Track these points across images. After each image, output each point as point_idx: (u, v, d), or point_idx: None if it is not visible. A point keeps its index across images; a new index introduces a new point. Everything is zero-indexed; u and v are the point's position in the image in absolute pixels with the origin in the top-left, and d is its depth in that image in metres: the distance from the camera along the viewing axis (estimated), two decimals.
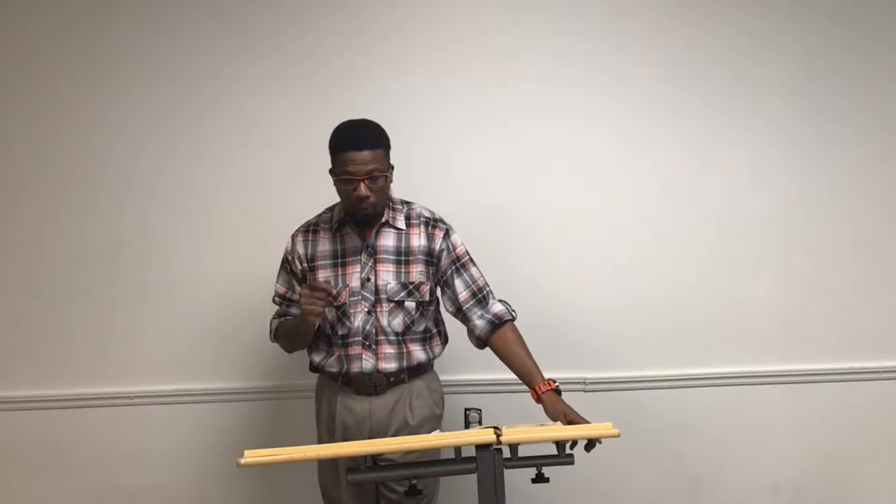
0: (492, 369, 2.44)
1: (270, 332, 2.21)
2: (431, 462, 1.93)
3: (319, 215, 2.16)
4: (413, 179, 2.27)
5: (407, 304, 2.06)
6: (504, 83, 2.62)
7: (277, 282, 2.18)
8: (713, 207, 2.67)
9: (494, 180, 2.63)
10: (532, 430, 1.75)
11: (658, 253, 2.66)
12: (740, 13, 2.64)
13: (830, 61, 2.66)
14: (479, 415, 2.13)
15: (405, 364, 2.09)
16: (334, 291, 2.02)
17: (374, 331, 2.06)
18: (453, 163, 2.63)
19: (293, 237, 2.14)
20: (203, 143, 2.61)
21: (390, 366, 2.07)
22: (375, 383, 2.07)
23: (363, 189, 1.94)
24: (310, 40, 2.60)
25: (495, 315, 2.10)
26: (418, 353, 2.11)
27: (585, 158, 2.65)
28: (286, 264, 2.16)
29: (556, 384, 1.98)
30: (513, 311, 2.13)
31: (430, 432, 1.99)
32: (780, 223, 2.68)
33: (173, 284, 2.62)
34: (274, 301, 2.19)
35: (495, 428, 1.69)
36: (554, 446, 1.73)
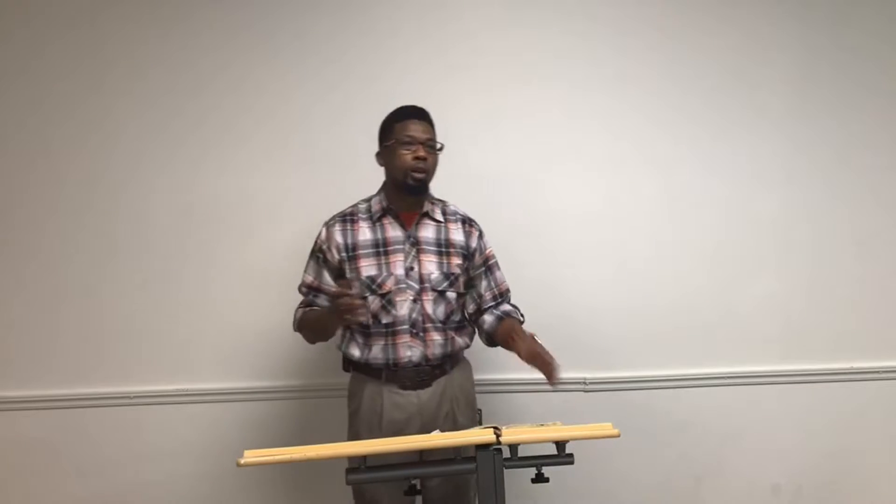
0: (492, 369, 2.45)
1: (294, 322, 2.16)
2: (432, 462, 1.93)
3: (355, 205, 2.15)
4: None
5: (448, 294, 2.09)
6: (505, 83, 2.62)
7: (306, 272, 2.14)
8: (713, 207, 2.67)
9: (494, 180, 2.63)
10: (532, 430, 1.75)
11: (658, 253, 2.66)
12: (741, 13, 2.64)
13: (831, 61, 2.67)
14: (479, 415, 2.13)
15: (449, 350, 2.11)
16: (364, 308, 1.99)
17: (420, 319, 2.07)
18: (454, 163, 2.62)
19: (328, 226, 2.12)
20: (203, 143, 2.60)
21: (437, 353, 2.08)
22: (422, 377, 2.08)
23: (422, 151, 2.04)
24: (311, 41, 2.60)
25: (503, 311, 2.16)
26: (459, 339, 2.13)
27: (585, 159, 2.65)
28: (318, 254, 2.12)
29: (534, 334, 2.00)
30: (521, 315, 2.18)
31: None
32: (780, 223, 2.68)
33: (173, 284, 2.61)
34: (300, 291, 2.15)
35: (495, 428, 1.68)
36: (553, 446, 1.72)
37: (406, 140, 2.04)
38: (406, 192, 2.07)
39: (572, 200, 2.65)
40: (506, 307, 2.18)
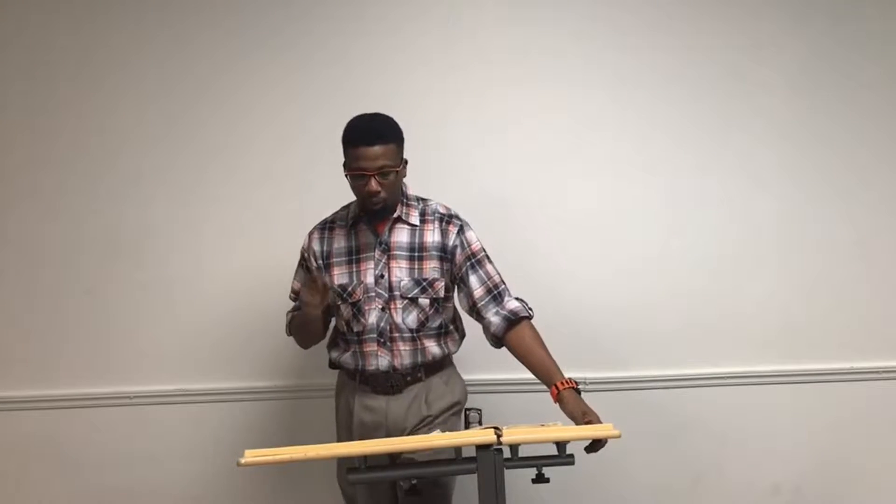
0: (491, 369, 2.45)
1: (286, 327, 2.22)
2: (432, 462, 1.92)
3: (336, 213, 2.15)
4: (414, 180, 2.27)
5: (421, 300, 2.04)
6: (505, 83, 2.62)
7: (294, 278, 2.19)
8: (713, 207, 2.67)
9: (494, 180, 2.63)
10: (532, 430, 1.75)
11: (659, 252, 2.66)
12: (740, 13, 2.64)
13: (830, 61, 2.66)
14: (480, 415, 2.12)
15: (420, 360, 2.07)
16: (323, 283, 1.97)
17: (388, 328, 2.05)
18: (454, 163, 2.63)
19: (310, 234, 2.14)
20: (203, 144, 2.61)
21: (406, 362, 2.06)
22: (392, 382, 2.06)
23: (374, 185, 1.93)
24: (312, 41, 2.60)
25: (511, 311, 2.04)
26: (433, 348, 2.08)
27: (585, 158, 2.65)
28: (303, 261, 2.16)
29: (577, 384, 1.94)
30: (529, 308, 2.07)
31: (451, 422, 2.00)
32: (780, 223, 2.68)
33: (173, 284, 2.62)
34: (290, 297, 2.20)
35: (495, 428, 1.68)
36: (554, 446, 1.72)
37: (356, 172, 1.93)
38: (369, 219, 2.05)
39: (573, 200, 2.65)
40: (511, 305, 2.05)
